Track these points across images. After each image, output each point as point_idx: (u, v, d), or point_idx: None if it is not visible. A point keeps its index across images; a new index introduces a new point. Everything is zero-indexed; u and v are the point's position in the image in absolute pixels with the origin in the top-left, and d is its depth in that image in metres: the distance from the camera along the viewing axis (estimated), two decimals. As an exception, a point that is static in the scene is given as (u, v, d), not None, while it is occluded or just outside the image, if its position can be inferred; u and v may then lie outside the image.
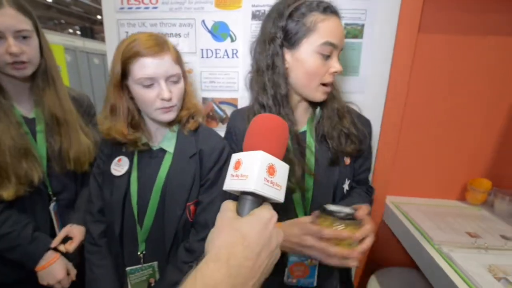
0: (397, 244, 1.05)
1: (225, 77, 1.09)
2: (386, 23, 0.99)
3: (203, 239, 0.85)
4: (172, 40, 1.05)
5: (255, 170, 0.38)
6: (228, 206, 0.41)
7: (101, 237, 0.86)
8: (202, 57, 1.08)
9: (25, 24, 0.77)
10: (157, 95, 0.74)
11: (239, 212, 0.40)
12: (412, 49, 1.01)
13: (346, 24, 1.00)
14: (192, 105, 0.85)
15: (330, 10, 0.69)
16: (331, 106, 0.79)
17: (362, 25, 1.00)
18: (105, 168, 0.85)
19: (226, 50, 1.06)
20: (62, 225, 0.94)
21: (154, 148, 0.84)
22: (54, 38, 3.96)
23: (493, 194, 1.10)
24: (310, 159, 0.77)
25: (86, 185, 0.96)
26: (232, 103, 1.12)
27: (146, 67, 0.71)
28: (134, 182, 0.82)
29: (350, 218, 0.61)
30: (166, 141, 0.84)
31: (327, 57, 0.70)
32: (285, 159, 0.44)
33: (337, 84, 0.82)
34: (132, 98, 0.78)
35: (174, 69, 0.76)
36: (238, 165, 0.41)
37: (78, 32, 7.52)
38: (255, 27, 1.03)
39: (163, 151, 0.83)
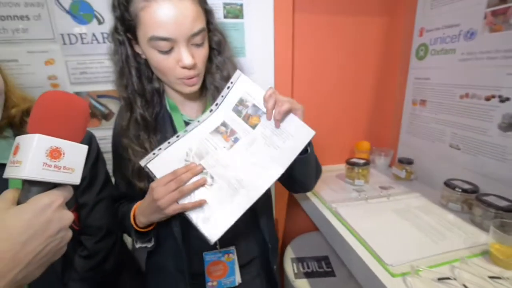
0: (304, 213, 1.13)
1: (100, 66, 0.94)
2: (264, 2, 1.01)
3: (101, 241, 0.72)
4: (17, 24, 0.86)
5: (29, 156, 0.36)
6: (5, 196, 0.38)
7: None
8: (65, 43, 0.90)
9: None
10: None
11: (20, 201, 0.38)
12: (290, 28, 1.07)
13: (226, 4, 0.98)
14: (20, 99, 0.64)
15: None
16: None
17: (241, 5, 0.99)
18: None
19: (94, 34, 0.91)
20: None
21: None
22: None
23: (373, 153, 1.29)
24: None
25: None
26: (113, 96, 0.98)
27: None
28: None
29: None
30: (0, 152, 0.62)
31: (167, 51, 0.58)
32: None
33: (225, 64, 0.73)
34: None
35: None
36: (16, 150, 0.37)
37: None
38: (126, 7, 0.92)
39: (2, 166, 0.65)
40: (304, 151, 0.63)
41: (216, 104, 0.66)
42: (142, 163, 0.62)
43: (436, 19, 1.04)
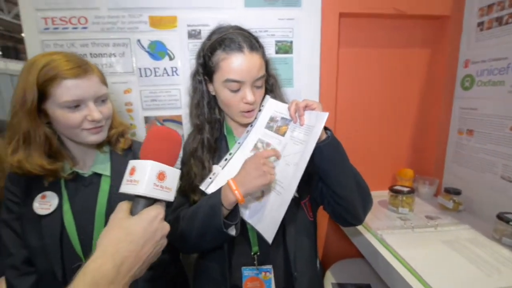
0: (346, 237, 1.14)
1: (167, 94, 1.09)
2: (311, 40, 1.11)
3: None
4: (106, 60, 1.04)
5: (146, 177, 0.45)
6: (122, 207, 0.47)
7: None
8: (141, 76, 1.07)
9: None
10: (84, 117, 0.70)
11: (132, 211, 0.47)
12: (335, 61, 1.15)
13: (278, 41, 1.10)
14: (119, 123, 0.82)
15: (231, 48, 0.71)
16: None
17: (291, 42, 1.10)
18: (22, 211, 0.74)
19: (165, 68, 1.07)
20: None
21: (86, 175, 0.78)
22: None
23: (416, 181, 1.28)
24: None
25: None
26: (176, 120, 1.12)
27: (72, 89, 0.67)
28: (69, 217, 0.74)
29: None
30: (98, 164, 0.79)
31: (236, 90, 0.73)
32: None
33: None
34: (48, 123, 0.72)
35: (102, 89, 0.73)
36: (133, 171, 0.47)
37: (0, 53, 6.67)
38: (193, 45, 1.07)
39: (98, 176, 0.78)
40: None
41: (251, 125, 0.80)
42: (202, 187, 0.75)
43: (482, 51, 1.06)
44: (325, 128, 0.69)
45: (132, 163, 0.48)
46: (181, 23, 1.05)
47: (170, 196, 0.49)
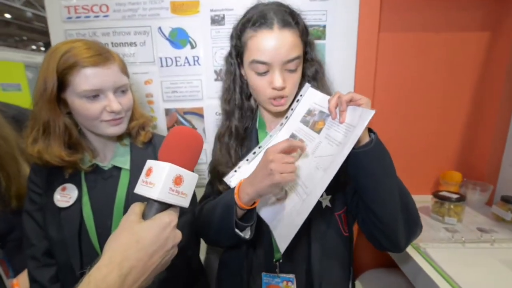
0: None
1: (188, 85, 1.03)
2: (347, 24, 0.99)
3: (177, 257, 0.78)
4: (127, 50, 1.00)
5: (161, 180, 0.42)
6: (134, 209, 0.44)
7: (52, 283, 0.73)
8: (162, 66, 1.02)
9: None
10: (104, 108, 0.67)
11: (145, 215, 0.44)
12: (374, 48, 1.01)
13: (309, 26, 0.98)
14: (140, 115, 0.78)
15: (260, 24, 0.63)
16: None
17: (324, 26, 0.99)
18: (44, 202, 0.73)
19: (186, 58, 1.01)
20: (14, 271, 0.82)
21: (106, 168, 0.76)
22: (14, 56, 3.73)
23: (464, 186, 1.12)
24: None
25: None
26: (197, 112, 1.06)
27: (91, 77, 0.64)
28: (88, 210, 0.73)
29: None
30: (118, 157, 0.76)
31: (263, 73, 0.65)
32: None
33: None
34: (68, 113, 0.70)
35: (122, 79, 0.69)
36: (149, 172, 0.43)
37: (42, 49, 7.12)
38: (216, 32, 0.99)
39: (117, 169, 0.76)
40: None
41: (286, 117, 0.71)
42: (226, 179, 0.68)
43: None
44: (369, 130, 0.57)
45: (149, 163, 0.45)
46: (204, 8, 0.98)
47: (186, 202, 0.46)
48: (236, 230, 0.61)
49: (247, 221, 0.63)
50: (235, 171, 0.69)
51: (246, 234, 0.63)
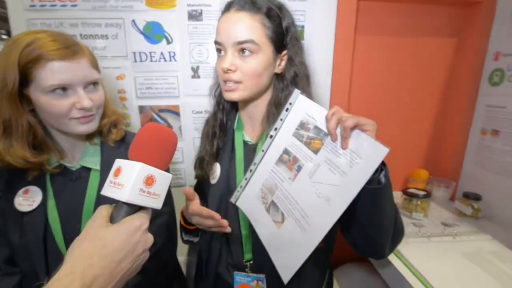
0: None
1: (164, 82, 1.00)
2: (325, 24, 1.00)
3: (152, 258, 0.76)
4: (98, 43, 0.95)
5: (131, 181, 0.39)
6: (101, 213, 0.41)
7: None
8: (135, 61, 0.97)
9: None
10: (73, 105, 0.62)
11: (113, 218, 0.41)
12: (351, 49, 1.04)
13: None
14: (112, 112, 0.74)
15: (224, 11, 0.65)
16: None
17: (303, 26, 0.99)
18: (4, 205, 0.67)
19: (162, 53, 0.97)
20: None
21: (74, 169, 0.71)
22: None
23: (430, 183, 1.19)
24: None
25: None
26: (173, 110, 1.03)
27: (58, 72, 0.59)
28: (54, 214, 0.68)
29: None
30: (88, 157, 0.72)
31: (220, 56, 0.67)
32: None
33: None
34: (32, 111, 0.64)
35: (93, 74, 0.65)
36: (118, 172, 0.40)
37: (5, 37, 6.57)
38: (193, 28, 0.97)
39: (87, 170, 0.71)
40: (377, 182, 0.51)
41: (276, 129, 0.61)
42: (232, 200, 0.67)
43: (516, 43, 0.95)
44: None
45: (118, 162, 0.42)
46: (181, 2, 0.94)
47: (158, 203, 0.43)
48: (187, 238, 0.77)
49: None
50: (238, 191, 0.66)
51: (195, 239, 0.74)
